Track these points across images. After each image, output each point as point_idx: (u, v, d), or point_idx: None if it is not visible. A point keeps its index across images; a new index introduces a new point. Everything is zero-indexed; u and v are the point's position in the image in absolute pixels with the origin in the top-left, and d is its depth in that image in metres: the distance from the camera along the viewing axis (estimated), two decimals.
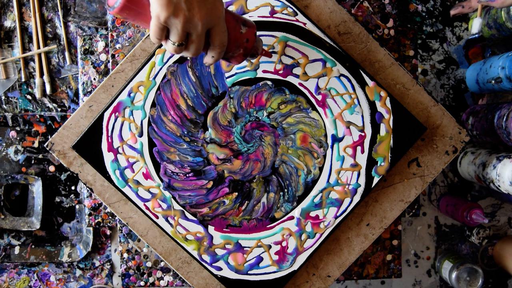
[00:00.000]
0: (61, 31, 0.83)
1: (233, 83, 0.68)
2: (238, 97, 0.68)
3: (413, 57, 0.77)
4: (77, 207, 0.84)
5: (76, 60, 0.83)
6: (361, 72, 0.67)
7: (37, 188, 0.82)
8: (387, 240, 0.78)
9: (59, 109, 0.84)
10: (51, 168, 0.83)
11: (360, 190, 0.68)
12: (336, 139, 0.68)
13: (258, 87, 0.68)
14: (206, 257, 0.69)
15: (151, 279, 0.79)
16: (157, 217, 0.69)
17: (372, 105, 0.68)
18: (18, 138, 0.82)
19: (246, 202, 0.69)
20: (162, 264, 0.79)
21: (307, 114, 0.68)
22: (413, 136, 0.68)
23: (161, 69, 0.68)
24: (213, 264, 0.69)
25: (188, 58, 0.68)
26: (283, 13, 0.67)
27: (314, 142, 0.69)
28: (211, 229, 0.69)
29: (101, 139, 0.68)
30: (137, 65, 0.69)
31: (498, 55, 0.74)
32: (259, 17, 0.67)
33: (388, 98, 0.68)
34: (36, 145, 0.82)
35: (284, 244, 0.69)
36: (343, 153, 0.68)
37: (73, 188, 0.83)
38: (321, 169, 0.69)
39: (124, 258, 0.79)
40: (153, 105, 0.68)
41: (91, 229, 0.82)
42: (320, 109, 0.68)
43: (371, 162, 0.68)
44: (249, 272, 0.69)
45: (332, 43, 0.67)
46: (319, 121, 0.68)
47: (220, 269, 0.69)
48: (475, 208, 0.77)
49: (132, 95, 0.68)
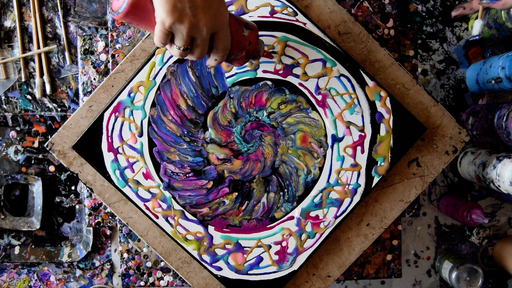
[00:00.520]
0: (61, 31, 0.83)
1: (233, 83, 0.68)
2: (238, 97, 0.68)
3: (413, 57, 0.77)
4: (77, 207, 0.84)
5: (76, 60, 0.83)
6: (361, 72, 0.67)
7: (37, 188, 0.82)
8: (387, 240, 0.78)
9: (59, 109, 0.84)
10: (51, 168, 0.83)
11: (360, 190, 0.68)
12: (336, 139, 0.68)
13: (258, 87, 0.68)
14: (206, 257, 0.69)
15: (151, 279, 0.79)
16: (157, 217, 0.69)
17: (372, 105, 0.68)
18: (18, 138, 0.82)
19: (246, 202, 0.69)
20: (162, 264, 0.79)
21: (307, 114, 0.68)
22: (413, 136, 0.68)
23: (161, 69, 0.68)
24: (213, 264, 0.69)
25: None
26: (283, 13, 0.67)
27: (314, 142, 0.69)
28: (211, 229, 0.69)
29: (101, 139, 0.68)
30: (137, 65, 0.69)
31: (498, 55, 0.74)
32: (259, 17, 0.68)
33: (388, 98, 0.68)
34: (36, 145, 0.82)
35: (284, 244, 0.69)
36: (343, 153, 0.68)
37: (73, 188, 0.83)
38: (321, 169, 0.69)
39: (124, 258, 0.79)
40: (153, 105, 0.68)
41: (91, 229, 0.82)
42: (320, 109, 0.68)
43: (371, 162, 0.68)
44: (249, 272, 0.69)
45: (332, 43, 0.67)
46: (319, 121, 0.68)
47: (220, 269, 0.69)
48: (475, 208, 0.77)
49: (132, 95, 0.68)
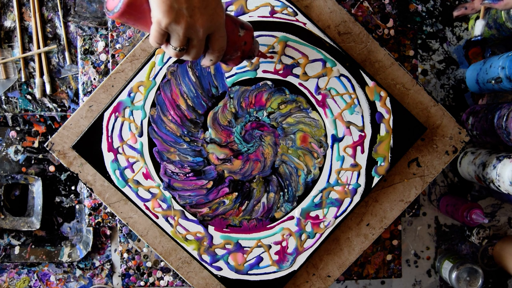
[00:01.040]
0: (61, 31, 0.83)
1: (233, 83, 0.68)
2: (238, 97, 0.68)
3: (413, 57, 0.77)
4: (77, 207, 0.84)
5: (76, 60, 0.83)
6: (361, 72, 0.67)
7: (37, 188, 0.82)
8: (387, 240, 0.78)
9: (59, 109, 0.84)
10: (51, 168, 0.83)
11: (360, 190, 0.68)
12: (336, 139, 0.68)
13: (258, 87, 0.68)
14: (206, 257, 0.69)
15: (151, 279, 0.79)
16: (157, 217, 0.69)
17: (372, 105, 0.68)
18: (18, 138, 0.82)
19: (246, 202, 0.69)
20: (162, 264, 0.79)
21: (307, 114, 0.68)
22: (413, 136, 0.68)
23: (161, 69, 0.68)
24: (213, 264, 0.69)
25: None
26: (283, 13, 0.67)
27: (314, 142, 0.69)
28: (211, 229, 0.69)
29: (101, 139, 0.68)
30: (137, 65, 0.69)
31: (498, 55, 0.74)
32: (259, 17, 0.68)
33: (388, 98, 0.68)
34: (36, 145, 0.82)
35: (284, 244, 0.69)
36: (343, 153, 0.68)
37: (73, 188, 0.83)
38: (321, 169, 0.69)
39: (124, 258, 0.79)
40: (153, 105, 0.68)
41: (91, 229, 0.82)
42: (320, 109, 0.68)
43: (371, 162, 0.68)
44: (249, 272, 0.69)
45: (332, 43, 0.67)
46: (319, 121, 0.68)
47: (220, 269, 0.69)
48: (475, 208, 0.77)
49: (132, 95, 0.68)
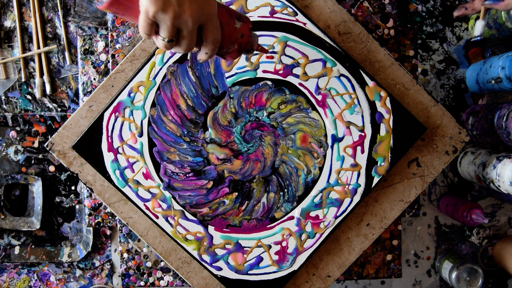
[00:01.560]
0: (61, 31, 0.83)
1: (233, 83, 0.68)
2: (238, 97, 0.68)
3: (413, 57, 0.77)
4: (77, 207, 0.84)
5: (76, 60, 0.83)
6: (361, 72, 0.67)
7: (37, 188, 0.82)
8: (387, 240, 0.78)
9: (59, 109, 0.84)
10: (51, 168, 0.83)
11: (360, 190, 0.68)
12: (336, 139, 0.68)
13: (258, 87, 0.68)
14: (206, 257, 0.69)
15: (151, 279, 0.79)
16: (157, 217, 0.69)
17: (372, 105, 0.68)
18: (18, 138, 0.82)
19: (246, 202, 0.69)
20: (162, 264, 0.79)
21: (307, 114, 0.68)
22: (413, 136, 0.68)
23: (161, 69, 0.68)
24: (213, 264, 0.69)
25: (188, 58, 0.68)
26: (283, 13, 0.67)
27: (314, 142, 0.69)
28: (211, 229, 0.69)
29: (101, 139, 0.68)
30: (137, 65, 0.69)
31: (498, 55, 0.74)
32: (259, 17, 0.68)
33: (388, 98, 0.68)
34: (36, 145, 0.82)
35: (284, 244, 0.69)
36: (343, 153, 0.68)
37: (73, 188, 0.83)
38: (321, 169, 0.69)
39: (124, 258, 0.79)
40: (153, 105, 0.68)
41: (91, 229, 0.82)
42: (320, 109, 0.68)
43: (371, 162, 0.68)
44: (249, 272, 0.69)
45: (332, 43, 0.67)
46: (319, 121, 0.68)
47: (220, 269, 0.69)
48: (475, 208, 0.77)
49: (132, 95, 0.68)
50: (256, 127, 0.69)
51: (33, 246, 0.83)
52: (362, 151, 0.68)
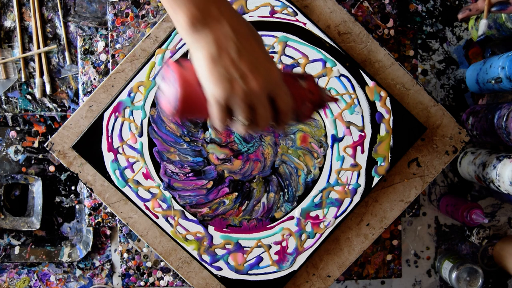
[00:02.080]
0: (61, 31, 0.83)
1: None
2: None
3: (413, 57, 0.77)
4: (77, 207, 0.84)
5: (76, 60, 0.83)
6: (361, 72, 0.67)
7: (37, 188, 0.82)
8: (387, 240, 0.78)
9: (59, 109, 0.84)
10: (51, 168, 0.83)
11: (360, 190, 0.68)
12: (336, 139, 0.68)
13: None
14: (206, 257, 0.69)
15: (151, 279, 0.79)
16: (157, 217, 0.69)
17: (372, 105, 0.68)
18: (18, 138, 0.82)
19: (246, 202, 0.69)
20: (162, 264, 0.79)
21: None
22: (413, 136, 0.68)
23: (161, 69, 0.68)
24: (213, 264, 0.69)
25: (188, 57, 0.68)
26: (283, 13, 0.67)
27: (314, 142, 0.69)
28: (211, 229, 0.69)
29: (101, 139, 0.68)
30: (137, 65, 0.69)
31: (498, 55, 0.74)
32: (259, 17, 0.67)
33: (388, 98, 0.68)
34: (36, 145, 0.82)
35: (284, 244, 0.69)
36: (343, 153, 0.68)
37: (73, 188, 0.83)
38: (321, 169, 0.69)
39: (124, 258, 0.79)
40: (153, 105, 0.68)
41: (91, 229, 0.82)
42: None
43: (371, 162, 0.68)
44: (249, 272, 0.69)
45: (332, 43, 0.67)
46: (319, 121, 0.68)
47: (220, 269, 0.69)
48: (475, 208, 0.77)
49: (132, 95, 0.68)
50: None
51: (33, 246, 0.83)
52: (362, 151, 0.68)
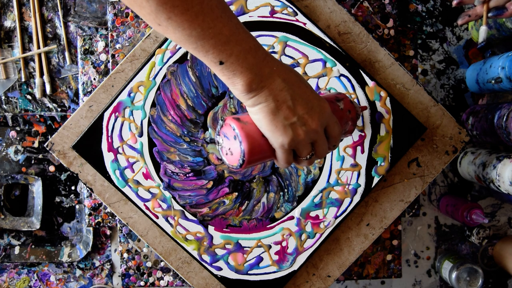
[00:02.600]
0: (61, 31, 0.83)
1: None
2: None
3: (413, 57, 0.77)
4: (77, 207, 0.84)
5: (76, 60, 0.83)
6: (361, 72, 0.67)
7: (37, 188, 0.82)
8: (387, 240, 0.78)
9: (59, 109, 0.84)
10: (51, 168, 0.83)
11: (360, 190, 0.68)
12: None
13: None
14: (206, 257, 0.69)
15: (151, 279, 0.79)
16: (157, 217, 0.69)
17: (372, 105, 0.68)
18: (18, 138, 0.82)
19: (246, 202, 0.69)
20: (162, 264, 0.79)
21: None
22: (413, 136, 0.68)
23: (161, 69, 0.68)
24: (213, 264, 0.69)
25: (188, 58, 0.68)
26: (283, 13, 0.67)
27: None
28: (211, 229, 0.69)
29: (101, 139, 0.68)
30: (137, 65, 0.69)
31: (498, 55, 0.74)
32: (259, 17, 0.67)
33: (388, 98, 0.68)
34: (36, 145, 0.82)
35: (284, 244, 0.69)
36: (343, 153, 0.68)
37: (73, 188, 0.83)
38: (321, 169, 0.69)
39: (124, 258, 0.79)
40: (153, 105, 0.68)
41: (91, 229, 0.82)
42: None
43: (371, 162, 0.68)
44: (249, 272, 0.69)
45: (332, 43, 0.67)
46: None
47: (220, 269, 0.69)
48: (475, 208, 0.77)
49: (132, 95, 0.68)
50: None
51: (33, 246, 0.83)
52: (362, 151, 0.68)
